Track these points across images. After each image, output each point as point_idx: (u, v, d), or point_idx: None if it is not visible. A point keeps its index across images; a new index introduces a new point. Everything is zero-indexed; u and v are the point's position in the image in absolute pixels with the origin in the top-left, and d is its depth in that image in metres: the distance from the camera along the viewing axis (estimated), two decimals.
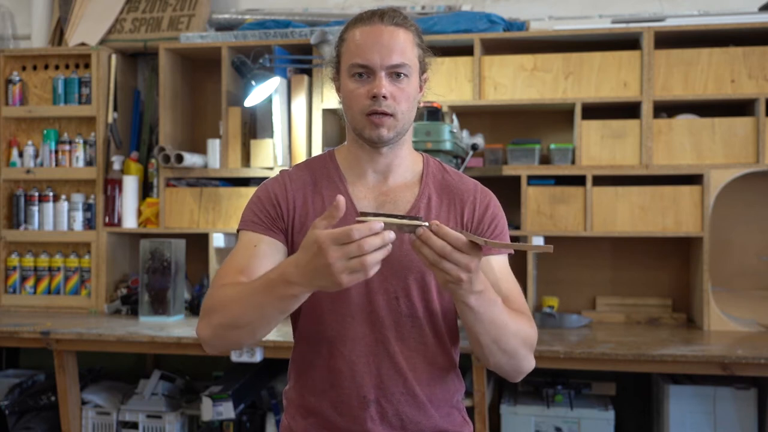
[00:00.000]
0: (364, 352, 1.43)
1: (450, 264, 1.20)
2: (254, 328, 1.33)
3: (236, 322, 1.33)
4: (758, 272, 3.39)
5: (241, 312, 1.32)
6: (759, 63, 3.14)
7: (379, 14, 1.44)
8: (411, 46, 1.44)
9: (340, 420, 1.44)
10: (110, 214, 3.62)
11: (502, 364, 1.40)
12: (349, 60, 1.43)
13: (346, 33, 1.46)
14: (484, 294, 1.28)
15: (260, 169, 3.44)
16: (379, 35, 1.41)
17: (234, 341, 1.38)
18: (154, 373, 3.41)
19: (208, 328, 1.38)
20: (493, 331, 1.33)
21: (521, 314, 1.42)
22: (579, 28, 3.30)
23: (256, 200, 1.50)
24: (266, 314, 1.30)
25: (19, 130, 3.78)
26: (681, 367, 2.71)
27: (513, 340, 1.36)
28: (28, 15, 3.95)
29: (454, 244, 1.19)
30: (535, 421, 3.02)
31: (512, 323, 1.35)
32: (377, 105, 1.40)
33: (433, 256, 1.20)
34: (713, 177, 3.12)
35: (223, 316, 1.34)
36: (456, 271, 1.20)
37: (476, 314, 1.29)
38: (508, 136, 3.48)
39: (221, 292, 1.38)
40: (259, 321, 1.31)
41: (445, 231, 1.19)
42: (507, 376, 1.45)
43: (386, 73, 1.40)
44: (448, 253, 1.19)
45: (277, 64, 3.34)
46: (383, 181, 1.50)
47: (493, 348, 1.35)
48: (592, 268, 3.48)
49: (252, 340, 1.37)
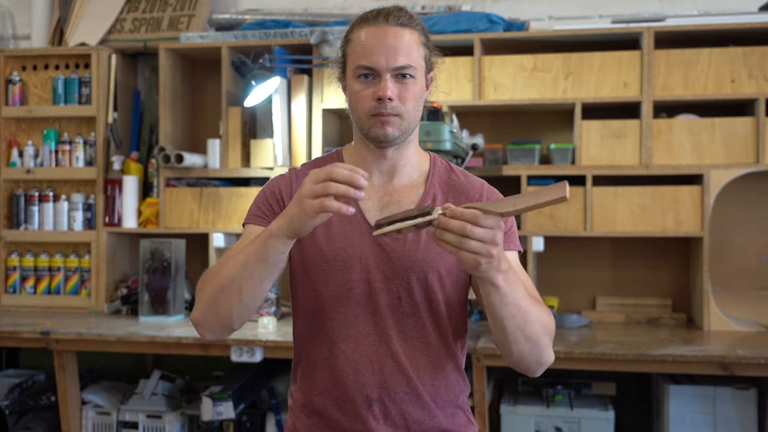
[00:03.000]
0: (367, 351, 1.43)
1: (475, 242, 1.18)
2: (239, 286, 1.33)
3: (222, 284, 1.35)
4: (758, 272, 3.39)
5: (226, 273, 1.35)
6: (759, 63, 3.14)
7: (384, 14, 1.43)
8: (417, 46, 1.43)
9: (344, 419, 1.44)
10: (110, 214, 3.62)
11: (526, 353, 1.37)
12: (355, 61, 1.42)
13: (352, 33, 1.45)
14: (509, 273, 1.27)
15: (260, 169, 3.44)
16: (384, 36, 1.41)
17: (224, 313, 1.37)
18: (154, 373, 3.41)
19: (199, 305, 1.41)
20: (518, 315, 1.31)
21: (540, 303, 1.42)
22: (579, 28, 3.30)
23: (262, 195, 1.52)
24: (249, 267, 1.31)
25: (19, 130, 3.78)
26: (681, 367, 2.72)
27: (536, 325, 1.35)
28: (28, 15, 3.95)
29: (472, 221, 1.18)
30: (535, 421, 3.02)
31: (534, 309, 1.35)
32: (382, 107, 1.40)
33: (456, 240, 1.19)
34: (713, 177, 3.12)
35: (211, 286, 1.37)
36: (483, 248, 1.19)
37: (503, 295, 1.27)
38: (508, 136, 3.48)
39: (211, 269, 1.42)
40: (242, 276, 1.32)
41: (460, 211, 1.19)
42: (528, 368, 1.42)
43: (391, 74, 1.40)
44: (469, 231, 1.18)
45: (277, 64, 3.34)
46: (388, 181, 1.50)
47: (518, 335, 1.33)
48: (592, 268, 3.48)
49: (240, 307, 1.36)
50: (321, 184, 1.20)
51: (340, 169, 1.20)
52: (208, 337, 1.44)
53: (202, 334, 1.43)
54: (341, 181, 1.19)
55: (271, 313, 3.20)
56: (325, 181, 1.20)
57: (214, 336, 1.44)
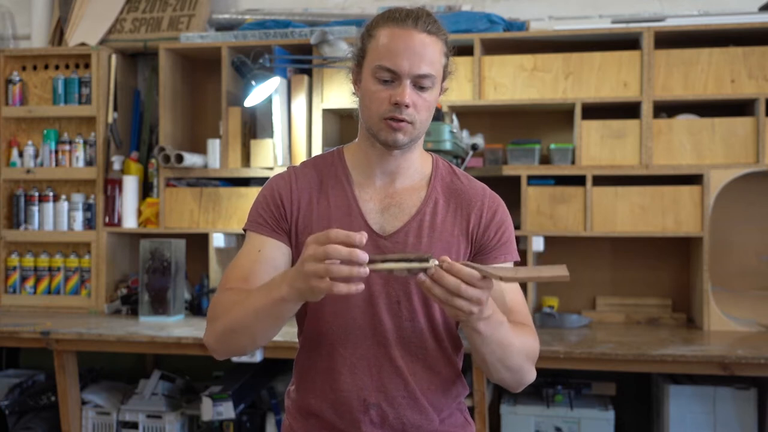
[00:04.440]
0: (366, 355, 1.43)
1: (462, 300, 1.19)
2: (252, 333, 1.34)
3: (235, 327, 1.34)
4: (758, 272, 3.39)
5: (239, 317, 1.33)
6: (759, 63, 3.14)
7: (414, 17, 1.38)
8: (439, 56, 1.41)
9: (340, 422, 1.44)
10: (110, 214, 3.62)
11: (505, 378, 1.40)
12: (376, 60, 1.38)
13: (376, 29, 1.40)
14: (492, 318, 1.27)
15: (260, 169, 3.43)
16: (410, 41, 1.37)
17: (237, 347, 1.39)
18: (154, 373, 3.41)
19: (212, 335, 1.40)
20: (498, 351, 1.33)
21: (525, 327, 1.42)
22: (579, 28, 3.30)
23: (262, 199, 1.49)
24: (260, 318, 1.30)
25: (19, 130, 3.78)
26: (681, 367, 2.72)
27: (517, 357, 1.37)
28: (28, 15, 3.95)
29: (468, 281, 1.18)
30: (535, 421, 3.02)
31: (517, 341, 1.36)
32: (398, 112, 1.37)
33: (444, 295, 1.19)
34: (713, 177, 3.12)
35: (224, 322, 1.36)
36: (468, 306, 1.19)
37: (484, 338, 1.29)
38: (508, 136, 3.48)
39: (224, 297, 1.40)
40: (255, 325, 1.32)
41: (458, 268, 1.18)
42: (508, 388, 1.46)
43: (411, 81, 1.37)
44: (463, 291, 1.18)
45: (277, 64, 3.34)
46: (390, 183, 1.48)
47: (498, 366, 1.36)
48: (592, 268, 3.48)
49: (253, 345, 1.38)
50: (323, 265, 1.14)
51: (337, 247, 1.14)
52: (219, 358, 1.46)
53: (214, 356, 1.45)
54: (342, 258, 1.14)
55: None
56: (325, 258, 1.14)
57: (226, 358, 1.47)
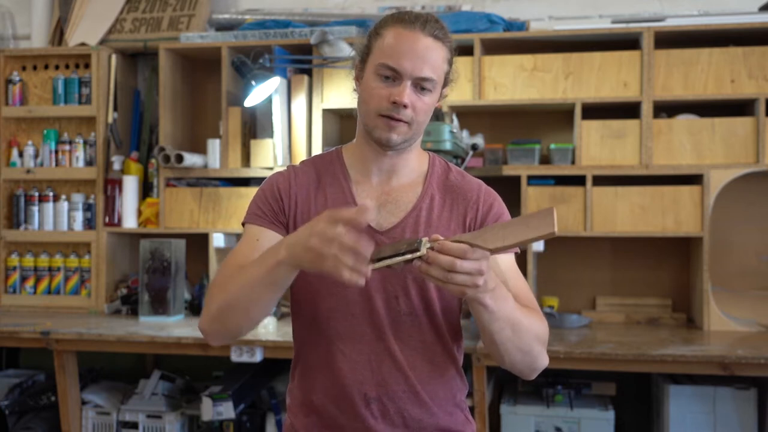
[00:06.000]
0: (365, 350, 1.43)
1: (462, 275, 1.19)
2: (246, 307, 1.35)
3: (231, 301, 1.36)
4: (758, 272, 3.39)
5: (234, 290, 1.35)
6: (759, 63, 3.14)
7: (422, 21, 1.42)
8: (442, 62, 1.43)
9: (342, 417, 1.44)
10: (110, 214, 3.62)
11: (517, 361, 1.39)
12: (380, 58, 1.41)
13: (383, 28, 1.43)
14: (497, 291, 1.28)
15: (260, 169, 3.44)
16: (415, 43, 1.40)
17: (232, 325, 1.39)
18: (154, 373, 3.41)
19: (207, 317, 1.41)
20: (508, 328, 1.32)
21: (532, 310, 1.42)
22: (579, 28, 3.30)
23: (261, 194, 1.52)
24: (255, 289, 1.32)
25: (19, 130, 3.78)
26: (681, 367, 2.72)
27: (527, 336, 1.36)
28: (28, 15, 3.95)
29: (461, 256, 1.18)
30: (535, 421, 3.02)
31: (525, 319, 1.35)
32: (395, 111, 1.40)
33: (442, 274, 1.19)
34: (713, 177, 3.12)
35: (219, 300, 1.38)
36: (470, 279, 1.20)
37: (491, 313, 1.29)
38: (508, 136, 3.48)
39: (219, 279, 1.42)
40: (250, 296, 1.33)
41: (448, 245, 1.19)
42: (521, 374, 1.44)
43: (412, 82, 1.40)
44: (458, 266, 1.18)
45: (277, 64, 3.34)
46: (387, 181, 1.50)
47: (508, 346, 1.35)
48: (592, 268, 3.48)
49: (248, 322, 1.39)
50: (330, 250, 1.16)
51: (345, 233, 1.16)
52: (214, 344, 1.47)
53: (209, 341, 1.45)
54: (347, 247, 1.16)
55: (270, 314, 3.19)
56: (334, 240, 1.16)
57: (221, 343, 1.47)
